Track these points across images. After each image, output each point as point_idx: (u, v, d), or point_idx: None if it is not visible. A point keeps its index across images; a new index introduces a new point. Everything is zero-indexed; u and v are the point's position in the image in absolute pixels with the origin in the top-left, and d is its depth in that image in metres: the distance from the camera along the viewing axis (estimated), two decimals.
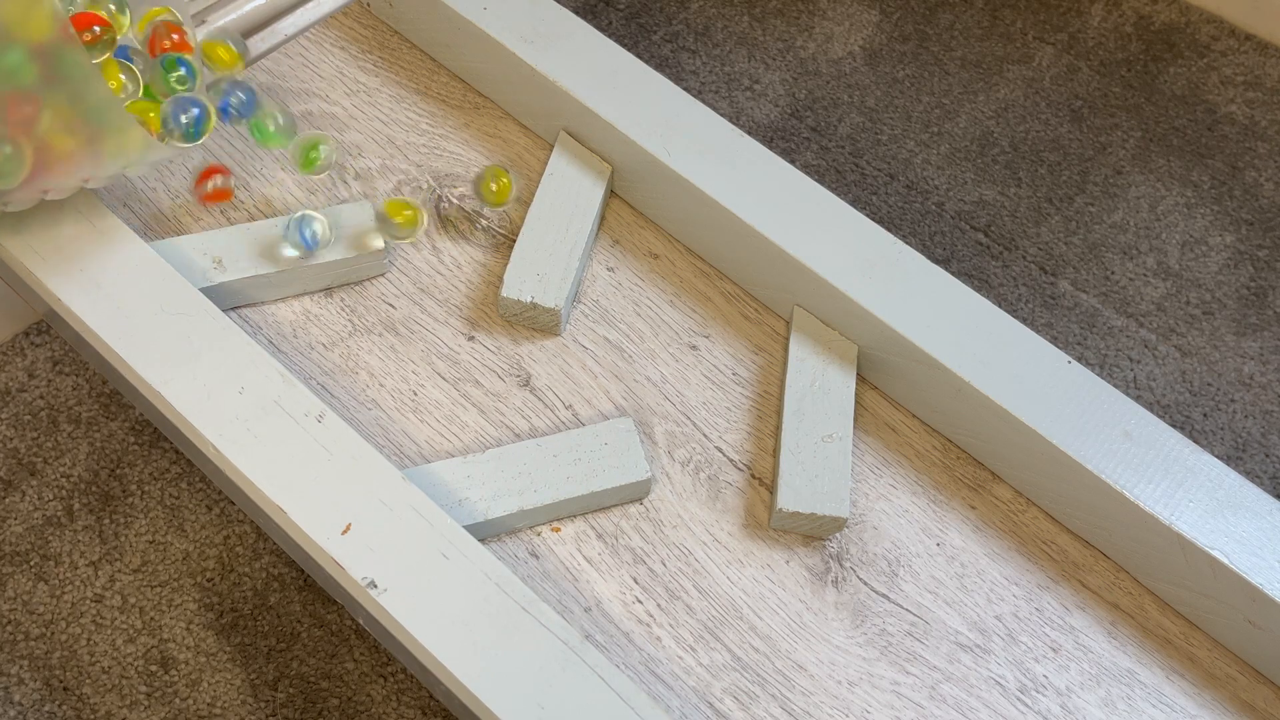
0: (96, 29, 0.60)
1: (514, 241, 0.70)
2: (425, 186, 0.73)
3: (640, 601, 0.60)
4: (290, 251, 0.66)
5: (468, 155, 0.75)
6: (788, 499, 0.61)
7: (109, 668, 0.70)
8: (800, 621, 0.60)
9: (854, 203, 0.93)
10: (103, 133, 0.55)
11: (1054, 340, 0.87)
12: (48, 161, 0.55)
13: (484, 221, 0.72)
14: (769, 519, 0.63)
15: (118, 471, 0.76)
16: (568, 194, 0.70)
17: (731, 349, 0.69)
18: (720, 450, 0.65)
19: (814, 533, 0.62)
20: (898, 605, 0.61)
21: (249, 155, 0.73)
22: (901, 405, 0.68)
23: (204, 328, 0.60)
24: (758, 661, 0.59)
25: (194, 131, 0.61)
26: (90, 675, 0.70)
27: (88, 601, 0.72)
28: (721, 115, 0.81)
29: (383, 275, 0.70)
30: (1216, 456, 0.76)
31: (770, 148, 0.95)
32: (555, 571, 0.61)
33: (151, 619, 0.71)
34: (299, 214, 0.65)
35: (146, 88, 0.62)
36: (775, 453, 0.65)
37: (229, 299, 0.67)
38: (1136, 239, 0.93)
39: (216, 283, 0.65)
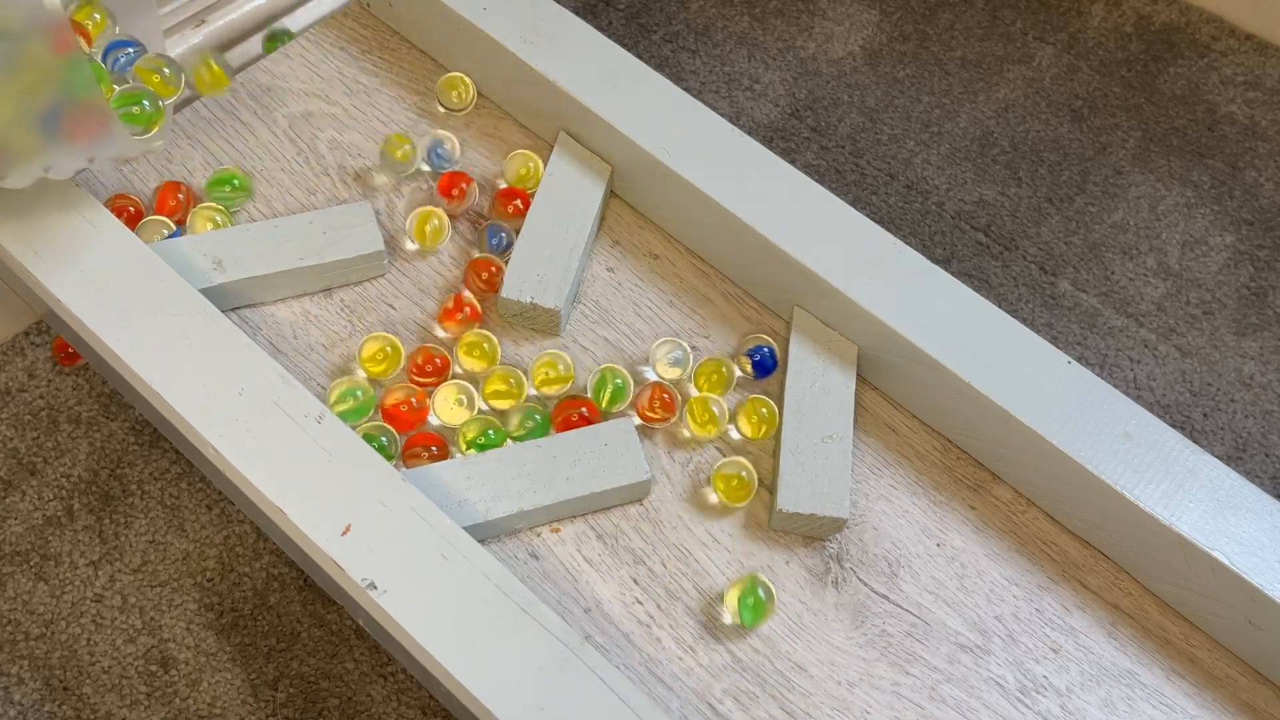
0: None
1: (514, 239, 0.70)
2: (425, 187, 0.73)
3: (640, 602, 0.60)
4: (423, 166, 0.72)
5: (468, 155, 0.75)
6: (787, 500, 0.61)
7: (109, 668, 0.70)
8: (800, 622, 0.60)
9: (854, 203, 0.93)
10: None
11: (1054, 340, 0.87)
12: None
13: (484, 222, 0.72)
14: (769, 520, 0.63)
15: (118, 471, 0.76)
16: (568, 194, 0.70)
17: (731, 349, 0.69)
18: (720, 451, 0.65)
19: (814, 533, 0.62)
20: (898, 606, 0.61)
21: (250, 156, 0.73)
22: (901, 405, 0.68)
23: (204, 328, 0.60)
24: (758, 662, 0.59)
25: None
26: (90, 675, 0.70)
27: (88, 601, 0.72)
28: (721, 115, 0.80)
29: (383, 275, 0.70)
30: (1216, 457, 0.76)
31: (770, 148, 0.95)
32: (555, 572, 0.61)
33: (151, 619, 0.72)
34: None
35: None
36: (775, 453, 0.65)
37: (229, 300, 0.66)
38: (1136, 239, 0.93)
39: (216, 283, 0.65)
